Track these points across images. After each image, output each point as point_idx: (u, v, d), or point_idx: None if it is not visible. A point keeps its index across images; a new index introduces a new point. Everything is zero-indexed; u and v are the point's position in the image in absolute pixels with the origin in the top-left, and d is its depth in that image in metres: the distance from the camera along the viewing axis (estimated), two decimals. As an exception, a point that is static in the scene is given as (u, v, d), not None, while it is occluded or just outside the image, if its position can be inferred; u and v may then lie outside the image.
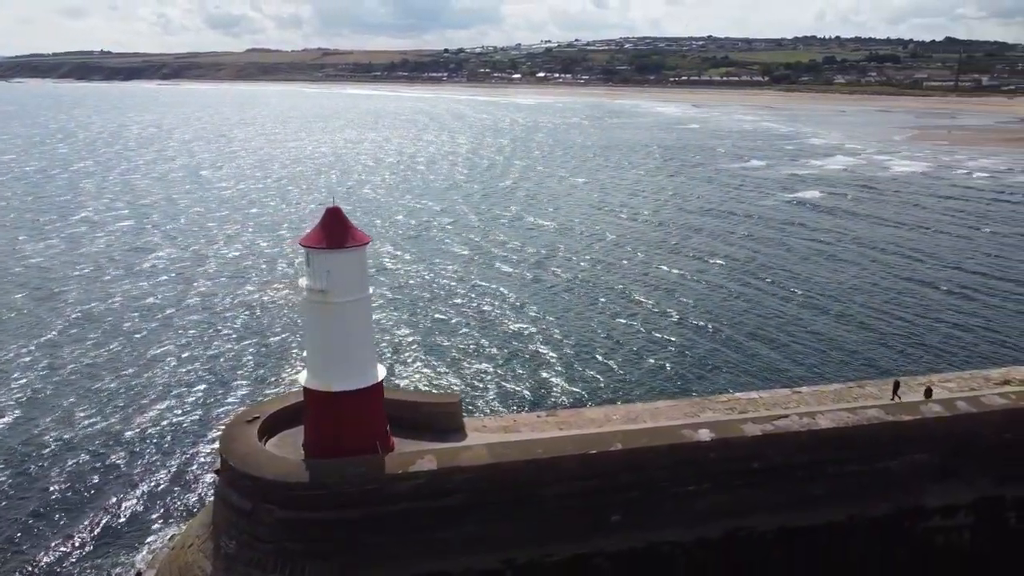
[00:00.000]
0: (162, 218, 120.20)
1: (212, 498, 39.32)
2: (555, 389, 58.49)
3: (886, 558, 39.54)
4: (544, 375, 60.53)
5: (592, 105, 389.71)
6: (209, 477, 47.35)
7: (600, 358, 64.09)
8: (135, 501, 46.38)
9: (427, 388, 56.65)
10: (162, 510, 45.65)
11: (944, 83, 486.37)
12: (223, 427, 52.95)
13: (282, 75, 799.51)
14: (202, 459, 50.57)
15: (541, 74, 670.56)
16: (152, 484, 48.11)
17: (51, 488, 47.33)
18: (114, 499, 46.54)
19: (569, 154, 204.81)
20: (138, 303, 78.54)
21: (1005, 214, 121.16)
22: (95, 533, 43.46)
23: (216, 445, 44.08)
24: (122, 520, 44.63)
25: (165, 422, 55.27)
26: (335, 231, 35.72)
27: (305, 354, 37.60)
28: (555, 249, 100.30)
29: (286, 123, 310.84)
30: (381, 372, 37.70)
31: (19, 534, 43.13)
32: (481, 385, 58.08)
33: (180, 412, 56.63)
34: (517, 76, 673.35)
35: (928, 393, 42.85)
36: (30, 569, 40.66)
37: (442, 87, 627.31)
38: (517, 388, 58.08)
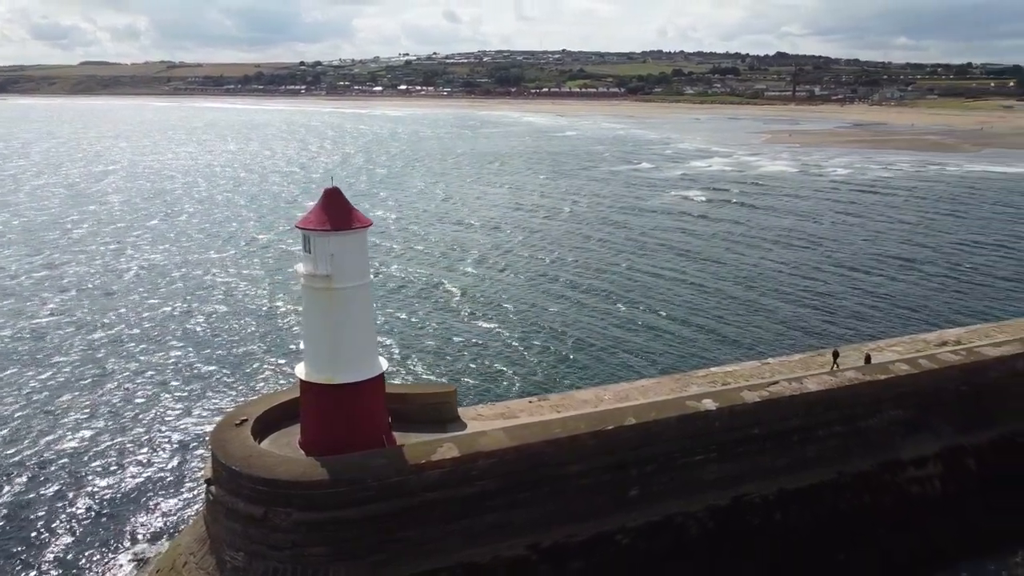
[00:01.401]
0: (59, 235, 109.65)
1: (200, 510, 35.92)
2: (533, 376, 58.36)
3: (871, 511, 41.50)
4: (500, 367, 59.81)
5: (462, 116, 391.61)
6: (191, 489, 43.75)
7: (554, 347, 64.21)
8: (106, 521, 41.67)
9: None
10: (140, 530, 41.06)
11: (782, 93, 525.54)
12: (206, 434, 49.42)
13: (125, 89, 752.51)
14: (181, 471, 46.38)
15: (403, 87, 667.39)
16: (126, 501, 43.51)
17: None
18: (79, 522, 41.71)
19: (463, 160, 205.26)
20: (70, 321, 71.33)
21: (871, 203, 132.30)
22: (63, 560, 38.72)
23: (202, 453, 40.57)
24: (92, 545, 39.90)
25: (132, 437, 50.59)
26: (338, 213, 33.77)
27: (302, 346, 35.19)
28: (488, 248, 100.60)
29: (164, 134, 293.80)
30: (383, 362, 35.93)
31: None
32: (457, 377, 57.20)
33: (146, 426, 51.99)
34: (378, 89, 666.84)
35: (867, 360, 45.16)
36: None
37: (302, 100, 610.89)
38: (482, 380, 57.21)
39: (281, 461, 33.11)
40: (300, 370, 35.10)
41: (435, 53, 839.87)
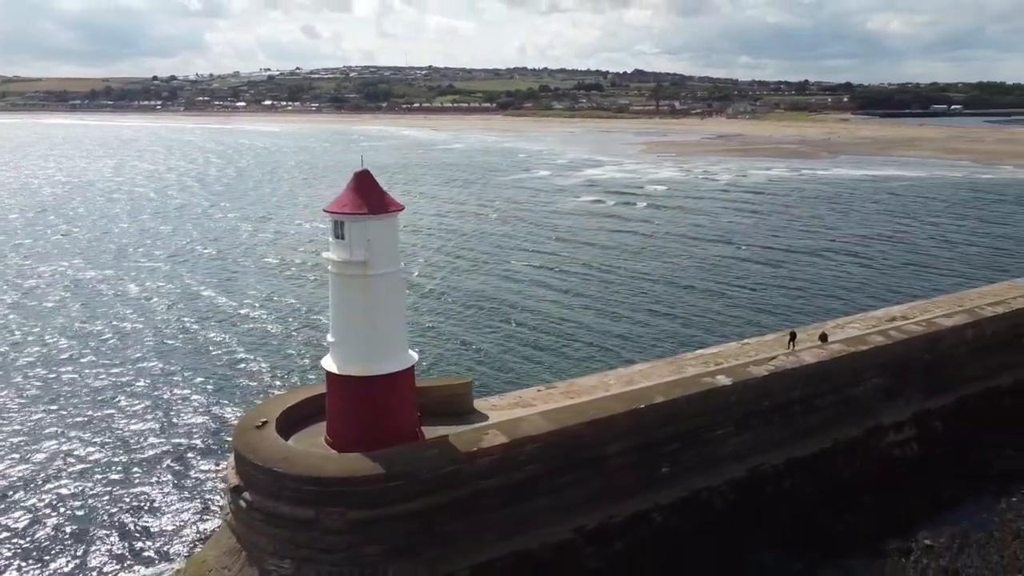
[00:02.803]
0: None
1: (225, 520, 33.23)
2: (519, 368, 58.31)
3: (862, 475, 43.94)
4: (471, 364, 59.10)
5: (339, 131, 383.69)
6: (204, 499, 40.77)
7: (521, 341, 64.44)
8: (112, 538, 37.94)
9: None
10: (149, 546, 37.39)
11: (646, 107, 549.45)
12: (210, 442, 47.49)
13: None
14: (186, 482, 43.00)
15: (268, 102, 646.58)
16: (130, 517, 39.75)
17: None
18: (81, 541, 37.76)
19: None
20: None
21: (763, 202, 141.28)
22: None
23: (207, 460, 37.66)
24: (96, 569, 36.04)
25: (129, 450, 46.87)
26: (372, 195, 32.57)
27: (330, 339, 33.26)
28: (432, 250, 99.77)
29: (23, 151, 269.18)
30: (413, 354, 34.70)
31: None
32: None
33: (147, 440, 48.25)
34: (242, 104, 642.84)
35: (823, 338, 47.65)
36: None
37: (161, 116, 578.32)
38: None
39: (326, 459, 31.33)
40: (329, 363, 33.33)
41: (298, 68, 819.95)
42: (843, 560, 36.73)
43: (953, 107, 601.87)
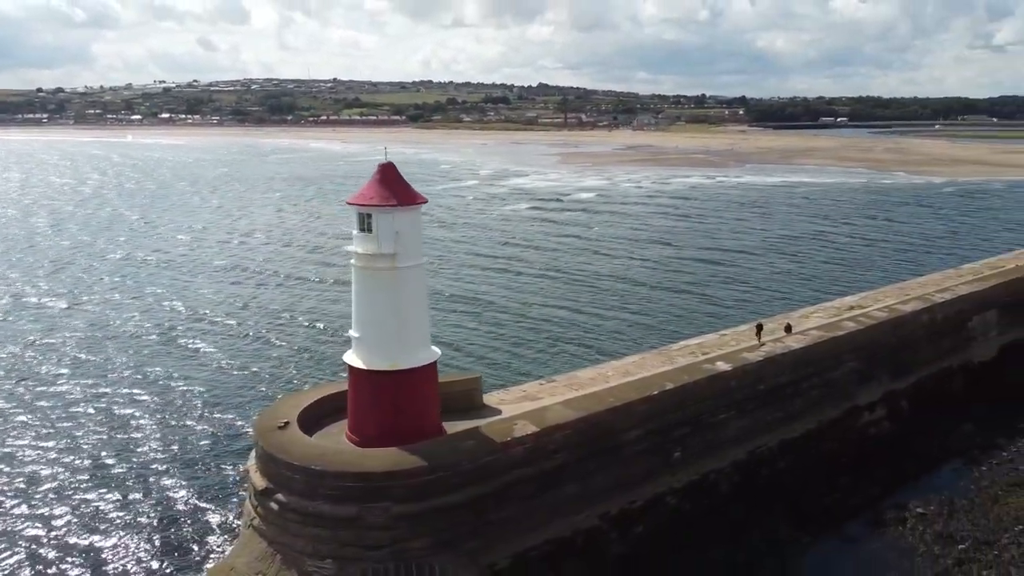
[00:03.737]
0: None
1: (250, 525, 32.03)
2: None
3: (845, 452, 46.21)
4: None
5: (248, 144, 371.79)
6: (224, 506, 39.36)
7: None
8: (135, 552, 36.19)
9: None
10: (172, 559, 35.65)
11: (555, 120, 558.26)
12: (219, 448, 46.49)
13: None
14: (204, 490, 41.41)
15: (165, 115, 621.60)
16: (153, 528, 38.08)
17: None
18: (104, 556, 35.80)
19: (297, 183, 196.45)
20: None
21: (691, 208, 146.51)
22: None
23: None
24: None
25: (143, 461, 45.27)
26: (398, 187, 32.41)
27: (354, 334, 32.66)
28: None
29: None
30: (435, 347, 34.54)
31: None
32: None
33: (154, 449, 46.68)
34: (137, 117, 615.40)
35: (788, 329, 50.01)
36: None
37: (50, 130, 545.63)
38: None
39: (364, 455, 30.83)
40: (353, 359, 32.77)
41: (196, 81, 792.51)
42: (845, 531, 38.59)
43: (839, 120, 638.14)
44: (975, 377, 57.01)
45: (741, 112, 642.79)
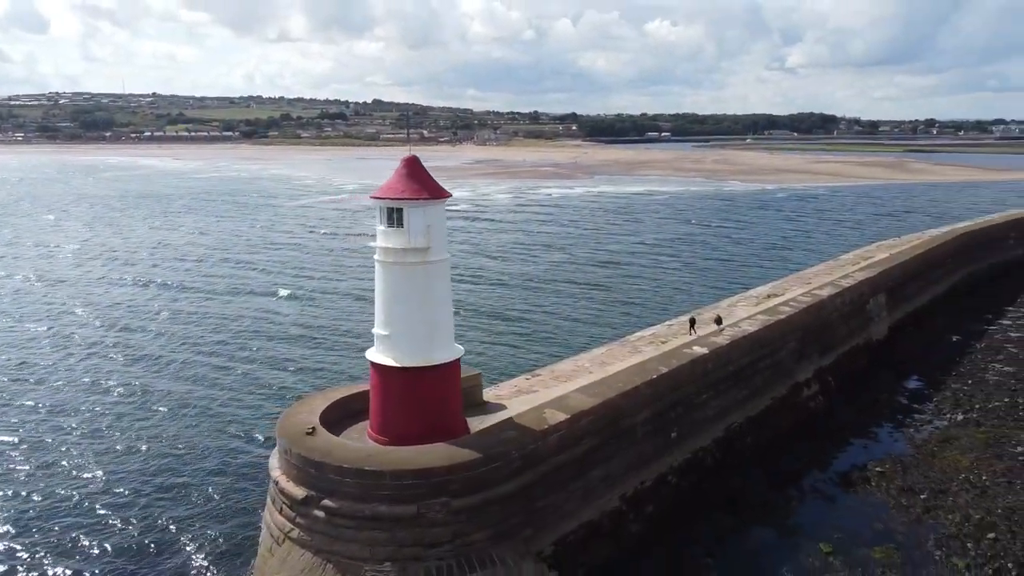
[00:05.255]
0: None
1: (292, 535, 30.25)
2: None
3: (793, 425, 50.09)
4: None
5: (66, 163, 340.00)
6: (246, 523, 37.21)
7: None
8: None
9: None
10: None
11: (397, 135, 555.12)
12: (236, 458, 44.82)
13: None
14: (222, 507, 39.12)
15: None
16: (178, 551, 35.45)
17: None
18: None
19: (144, 202, 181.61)
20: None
21: (565, 215, 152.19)
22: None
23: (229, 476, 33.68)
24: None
25: (158, 468, 43.98)
26: (426, 180, 32.15)
27: (381, 332, 31.76)
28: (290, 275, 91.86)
29: None
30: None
31: None
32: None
33: (171, 457, 45.04)
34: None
35: (718, 320, 53.91)
36: None
37: None
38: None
39: (418, 452, 30.05)
40: (381, 357, 31.95)
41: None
42: (822, 491, 41.92)
43: (663, 134, 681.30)
44: (875, 353, 63.55)
45: (574, 127, 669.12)
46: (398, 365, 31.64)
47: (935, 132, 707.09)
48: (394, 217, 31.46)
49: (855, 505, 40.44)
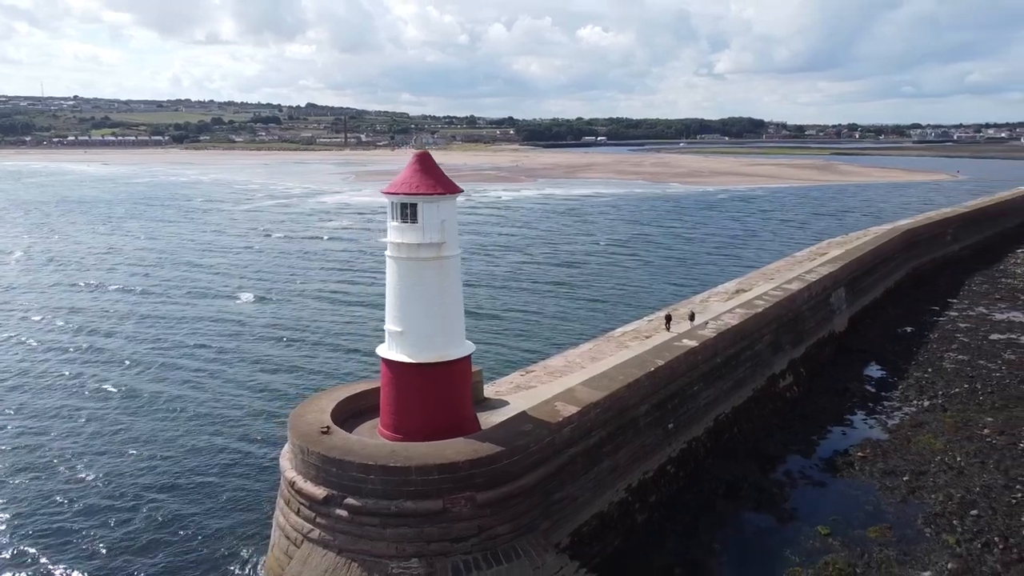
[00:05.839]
0: None
1: (313, 536, 29.73)
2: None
3: (771, 414, 51.55)
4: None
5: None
6: (259, 527, 36.04)
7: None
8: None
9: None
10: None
11: (334, 139, 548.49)
12: (246, 459, 43.18)
13: None
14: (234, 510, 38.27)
15: None
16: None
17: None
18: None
19: (80, 208, 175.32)
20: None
21: (518, 217, 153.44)
22: None
23: (239, 476, 32.78)
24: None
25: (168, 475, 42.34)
26: (441, 176, 32.15)
27: (394, 328, 31.49)
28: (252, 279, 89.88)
29: None
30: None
31: None
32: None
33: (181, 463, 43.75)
34: None
35: (692, 317, 54.90)
36: None
37: None
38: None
39: (442, 446, 29.90)
40: (394, 353, 31.74)
41: None
42: (810, 477, 43.18)
43: (599, 138, 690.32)
44: (838, 344, 65.85)
45: (512, 132, 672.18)
46: (413, 361, 31.49)
47: (857, 136, 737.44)
48: (408, 212, 31.28)
49: (844, 488, 41.83)
